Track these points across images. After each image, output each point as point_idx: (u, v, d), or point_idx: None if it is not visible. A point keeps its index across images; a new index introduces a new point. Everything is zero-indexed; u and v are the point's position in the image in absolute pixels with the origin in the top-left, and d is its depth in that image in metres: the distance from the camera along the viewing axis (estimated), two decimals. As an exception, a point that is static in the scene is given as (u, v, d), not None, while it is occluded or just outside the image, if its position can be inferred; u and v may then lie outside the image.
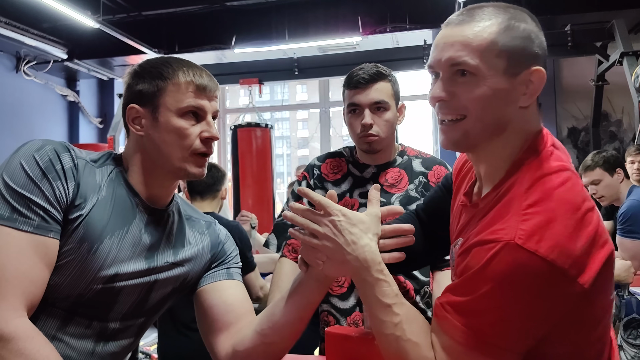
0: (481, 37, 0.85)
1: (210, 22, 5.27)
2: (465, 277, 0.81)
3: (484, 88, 0.85)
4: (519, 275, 0.76)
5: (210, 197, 2.30)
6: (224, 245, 1.24)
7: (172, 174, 1.09)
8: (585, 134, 5.36)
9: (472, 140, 0.89)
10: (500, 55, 0.84)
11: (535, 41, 0.86)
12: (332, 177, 1.64)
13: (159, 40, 5.28)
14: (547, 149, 0.88)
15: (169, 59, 1.09)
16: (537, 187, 0.82)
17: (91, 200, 1.01)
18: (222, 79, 5.54)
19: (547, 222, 0.77)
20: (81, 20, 4.47)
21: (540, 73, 0.86)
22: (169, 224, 1.14)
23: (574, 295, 0.77)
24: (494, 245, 0.78)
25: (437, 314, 0.86)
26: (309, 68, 5.17)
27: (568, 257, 0.75)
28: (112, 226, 1.02)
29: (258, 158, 5.07)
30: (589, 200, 0.82)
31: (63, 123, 6.23)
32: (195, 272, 1.17)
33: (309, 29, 5.06)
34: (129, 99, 1.08)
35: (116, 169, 1.08)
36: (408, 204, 1.55)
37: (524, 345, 0.80)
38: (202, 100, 1.05)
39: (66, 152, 1.00)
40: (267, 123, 5.22)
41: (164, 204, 1.13)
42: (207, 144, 1.07)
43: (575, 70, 5.35)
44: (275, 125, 5.46)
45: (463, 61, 0.85)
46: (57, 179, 0.96)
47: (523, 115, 0.88)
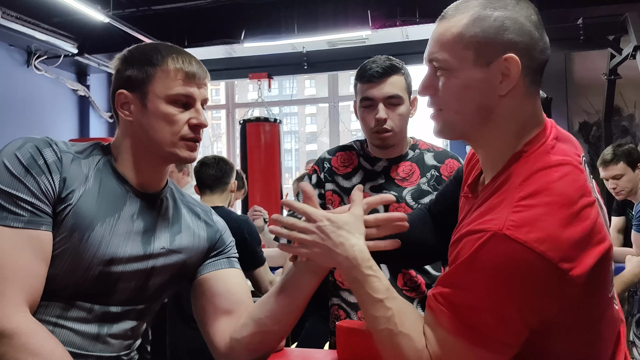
0: (450, 31, 0.87)
1: (219, 17, 5.27)
2: (454, 267, 0.82)
3: (456, 80, 0.87)
4: (507, 266, 0.75)
5: (219, 191, 2.31)
6: (223, 235, 1.24)
7: (162, 159, 1.10)
8: (596, 128, 5.31)
9: (455, 129, 0.92)
10: (468, 46, 0.86)
11: (510, 28, 0.84)
12: (342, 171, 1.63)
13: (169, 35, 5.28)
14: (549, 142, 0.87)
15: (158, 45, 1.09)
16: (533, 180, 0.81)
17: (78, 190, 1.02)
18: (231, 73, 5.55)
19: (539, 214, 0.76)
20: (91, 14, 4.48)
21: (513, 60, 0.84)
22: (162, 208, 1.14)
23: (567, 290, 0.76)
24: (482, 235, 0.78)
25: (429, 305, 0.86)
26: (318, 62, 5.16)
27: (559, 250, 0.74)
28: (102, 214, 1.03)
29: (267, 153, 5.07)
30: (587, 196, 0.81)
31: (74, 117, 6.26)
32: (193, 260, 1.18)
33: (318, 23, 5.04)
34: (117, 84, 1.08)
35: (103, 159, 1.09)
36: (420, 198, 1.55)
37: (516, 337, 0.79)
38: (191, 87, 1.06)
39: (47, 147, 1.01)
40: (275, 118, 5.22)
41: (157, 189, 1.13)
42: (195, 130, 1.08)
43: (587, 64, 5.30)
44: (284, 120, 5.46)
45: (434, 57, 0.89)
46: (40, 174, 0.98)
47: (509, 104, 0.87)
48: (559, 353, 0.83)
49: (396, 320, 0.87)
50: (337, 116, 6.84)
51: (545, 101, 4.62)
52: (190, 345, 2.10)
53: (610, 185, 2.85)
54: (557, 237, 0.75)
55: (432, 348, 0.83)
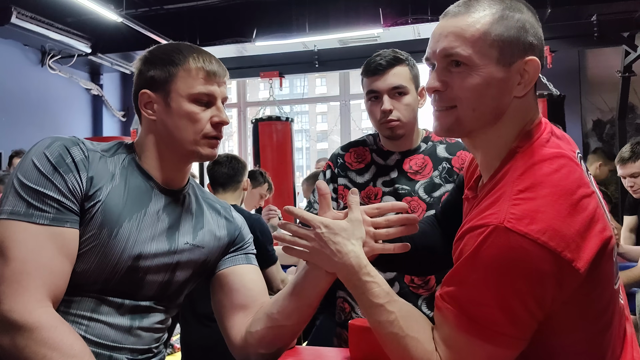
0: (474, 27, 0.86)
1: (231, 15, 5.29)
2: (459, 264, 0.82)
3: (477, 78, 0.86)
4: (510, 259, 0.75)
5: (232, 189, 2.32)
6: (242, 231, 1.26)
7: (185, 157, 1.12)
8: (610, 126, 5.26)
9: (466, 127, 0.90)
10: (493, 45, 0.85)
11: (529, 31, 0.87)
12: (355, 166, 1.64)
13: (181, 34, 5.32)
14: (543, 137, 0.88)
15: (179, 45, 1.11)
16: (529, 173, 0.82)
17: (106, 188, 1.04)
18: (243, 72, 5.57)
19: (538, 206, 0.77)
20: (105, 14, 4.52)
21: (535, 63, 0.86)
22: (185, 204, 1.17)
23: (571, 281, 0.76)
24: (483, 230, 0.78)
25: (436, 305, 0.86)
26: (330, 61, 5.17)
27: (561, 239, 0.74)
28: (129, 210, 1.05)
29: (279, 151, 5.08)
30: (585, 187, 0.81)
31: (87, 116, 6.32)
32: (214, 255, 1.20)
33: (329, 21, 5.04)
34: (140, 84, 1.10)
35: (128, 157, 1.11)
36: (432, 191, 1.55)
37: (526, 330, 0.79)
38: (212, 86, 1.08)
39: (75, 145, 1.04)
40: (287, 116, 5.23)
41: (180, 186, 1.16)
42: (217, 128, 1.10)
43: (601, 61, 5.25)
44: (295, 118, 5.46)
45: (456, 52, 0.87)
46: (68, 172, 1.00)
47: (519, 105, 0.89)
48: (565, 349, 0.83)
49: (401, 323, 0.87)
50: (348, 114, 6.83)
51: (559, 99, 4.59)
52: (203, 343, 2.11)
53: (627, 183, 2.79)
54: (558, 227, 0.75)
55: (441, 348, 0.83)
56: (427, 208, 1.53)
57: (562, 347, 0.83)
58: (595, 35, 4.60)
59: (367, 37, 5.34)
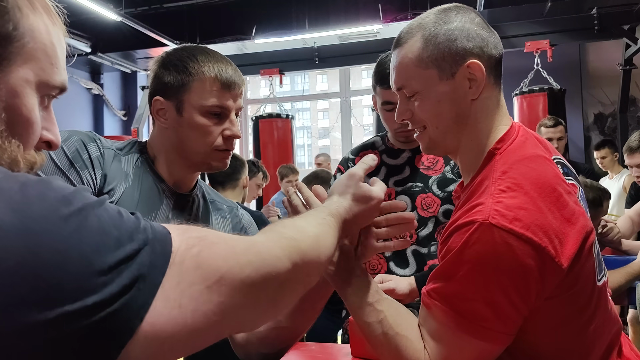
0: (407, 58, 0.93)
1: (230, 13, 5.28)
2: (445, 261, 0.83)
3: (429, 100, 0.92)
4: (495, 254, 0.77)
5: (231, 187, 2.33)
6: (247, 231, 1.25)
7: (195, 166, 1.12)
8: (612, 120, 5.25)
9: (439, 144, 0.96)
10: (429, 66, 0.91)
11: (459, 38, 0.90)
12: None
13: (181, 32, 5.31)
14: (520, 138, 0.91)
15: (196, 51, 1.09)
16: (510, 173, 0.84)
17: (120, 187, 1.04)
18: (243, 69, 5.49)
19: (521, 203, 0.79)
20: (104, 13, 4.52)
21: (476, 65, 0.90)
22: (194, 207, 1.17)
23: (553, 276, 0.78)
24: (469, 227, 0.80)
25: (423, 301, 0.87)
26: (330, 57, 5.16)
27: (544, 235, 0.77)
28: (140, 213, 1.04)
29: (280, 149, 5.09)
30: (563, 185, 0.84)
31: (88, 116, 6.33)
32: None
33: (329, 17, 5.03)
34: (154, 89, 1.10)
35: (142, 157, 1.11)
36: (445, 186, 1.59)
37: (511, 325, 0.80)
38: (226, 98, 1.06)
39: (92, 141, 1.03)
40: (288, 114, 5.23)
41: (189, 188, 1.16)
42: (228, 141, 1.09)
43: (601, 54, 5.23)
44: (296, 115, 5.46)
45: (401, 85, 0.94)
46: (84, 168, 0.99)
47: (480, 106, 0.92)
48: (549, 346, 0.84)
49: (390, 321, 0.87)
50: (348, 111, 6.83)
51: (559, 93, 4.58)
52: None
53: (635, 173, 2.76)
54: (541, 223, 0.78)
55: (429, 345, 0.84)
56: (441, 203, 1.57)
57: (545, 345, 0.85)
58: (595, 28, 4.58)
59: (367, 33, 5.32)
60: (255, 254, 0.59)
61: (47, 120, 0.60)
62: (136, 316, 0.45)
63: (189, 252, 0.51)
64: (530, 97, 4.55)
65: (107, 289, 0.44)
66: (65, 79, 0.60)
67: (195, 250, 0.52)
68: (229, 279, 0.53)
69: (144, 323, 0.46)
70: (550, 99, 4.50)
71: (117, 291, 0.44)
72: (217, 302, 0.51)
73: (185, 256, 0.51)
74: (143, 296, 0.46)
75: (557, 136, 3.45)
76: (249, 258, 0.57)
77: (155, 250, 0.49)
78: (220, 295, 0.52)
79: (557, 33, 4.72)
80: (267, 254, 0.60)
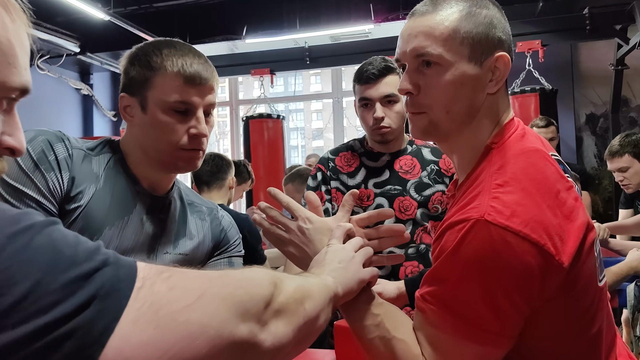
0: (443, 25, 0.85)
1: (221, 13, 5.24)
2: (440, 261, 0.78)
3: (450, 77, 0.85)
4: (492, 252, 0.73)
5: (216, 187, 2.28)
6: (227, 233, 1.21)
7: (162, 167, 1.06)
8: (604, 120, 5.23)
9: (441, 130, 0.89)
10: (463, 42, 0.85)
11: (497, 26, 0.87)
12: (346, 169, 1.70)
13: (171, 32, 5.24)
14: (518, 133, 0.88)
15: (161, 44, 1.03)
16: (507, 167, 0.80)
17: (89, 190, 0.98)
18: (234, 69, 5.52)
19: (518, 199, 0.75)
20: (92, 12, 4.47)
21: (505, 58, 0.86)
22: (170, 210, 1.12)
23: (554, 276, 0.74)
24: (464, 224, 0.76)
25: (418, 306, 0.82)
26: (321, 57, 5.12)
27: (544, 232, 0.73)
28: (112, 216, 1.00)
29: (270, 149, 5.04)
30: (562, 181, 0.81)
31: (77, 116, 6.26)
32: (198, 260, 1.15)
33: (320, 17, 4.99)
34: (122, 86, 1.05)
35: (114, 157, 1.05)
36: (422, 190, 1.64)
37: (513, 327, 0.76)
38: (191, 94, 1.00)
39: (60, 141, 0.98)
40: (278, 114, 5.19)
41: (165, 190, 1.11)
42: (195, 140, 1.02)
43: (593, 54, 5.22)
44: (290, 116, 5.44)
45: (426, 51, 0.85)
46: (50, 170, 0.94)
47: (492, 102, 0.89)
48: (548, 350, 0.80)
49: (387, 325, 0.83)
50: (341, 112, 6.79)
51: (551, 93, 4.56)
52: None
53: (617, 177, 2.75)
54: (540, 220, 0.74)
55: (426, 351, 0.80)
56: (418, 206, 1.62)
57: (544, 349, 0.80)
58: (587, 28, 4.56)
59: (359, 33, 5.30)
60: (232, 277, 0.57)
61: (9, 125, 0.55)
62: (96, 341, 0.41)
63: (160, 276, 0.48)
64: (521, 97, 4.53)
65: (59, 309, 0.40)
66: (26, 79, 0.55)
67: (166, 275, 0.49)
68: (208, 295, 0.50)
69: (108, 349, 0.42)
70: (542, 100, 4.49)
71: (70, 311, 0.40)
72: (199, 323, 0.48)
73: (155, 279, 0.48)
74: (104, 319, 0.42)
75: (548, 137, 3.44)
76: (226, 281, 0.55)
77: (118, 273, 0.45)
78: (204, 316, 0.48)
79: (549, 33, 4.71)
80: (245, 278, 0.58)
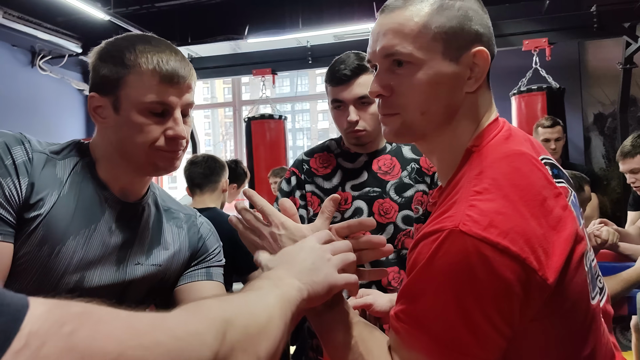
0: (413, 21, 0.78)
1: (223, 12, 5.19)
2: (413, 276, 0.71)
3: (424, 76, 0.78)
4: (467, 267, 0.65)
5: (209, 190, 2.22)
6: (205, 242, 1.14)
7: (139, 170, 1.00)
8: (612, 120, 5.13)
9: (416, 131, 0.82)
10: (436, 38, 0.78)
11: (474, 19, 0.79)
12: (322, 172, 1.58)
13: (172, 32, 5.22)
14: (501, 134, 0.80)
15: (136, 40, 0.97)
16: (487, 172, 0.73)
17: (51, 197, 0.92)
18: (236, 69, 5.48)
19: (498, 207, 0.68)
20: (92, 13, 4.43)
21: (484, 54, 0.79)
22: (143, 218, 1.05)
23: (538, 293, 0.66)
24: (437, 235, 0.69)
25: (392, 326, 0.74)
26: (323, 56, 5.04)
27: (525, 244, 0.66)
28: (76, 225, 0.93)
29: (272, 150, 4.99)
30: (550, 187, 0.73)
31: (80, 117, 6.24)
32: (174, 270, 1.09)
33: (323, 16, 4.94)
34: (92, 84, 0.98)
35: (82, 161, 0.99)
36: (403, 191, 1.52)
37: (494, 349, 0.68)
38: (167, 93, 0.94)
39: (19, 144, 0.91)
40: (280, 114, 5.14)
41: (138, 197, 1.04)
42: (172, 142, 0.96)
43: (601, 53, 5.11)
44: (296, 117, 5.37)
45: (396, 50, 0.79)
46: (6, 176, 0.88)
47: (472, 101, 0.81)
48: None
49: (361, 349, 0.76)
50: (345, 112, 6.72)
51: (558, 92, 4.47)
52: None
53: (629, 179, 2.65)
54: (521, 230, 0.66)
55: None
56: (399, 209, 1.49)
57: None
58: (595, 26, 4.47)
59: (362, 31, 5.23)
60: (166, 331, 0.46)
61: None
62: None
63: (58, 332, 0.39)
64: (528, 96, 4.44)
65: None
66: None
67: (67, 329, 0.40)
68: None
69: None
70: (549, 99, 4.40)
71: None
72: None
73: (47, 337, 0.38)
74: None
75: (554, 137, 3.35)
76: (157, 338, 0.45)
77: None
78: None
79: (556, 31, 4.62)
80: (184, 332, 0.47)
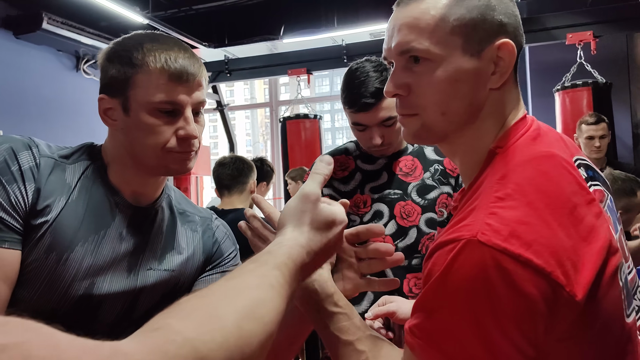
0: (429, 14, 0.72)
1: (258, 13, 5.22)
2: (427, 288, 0.65)
3: (443, 72, 0.72)
4: (485, 281, 0.59)
5: (237, 191, 2.21)
6: (221, 245, 1.11)
7: (151, 172, 0.98)
8: (664, 115, 4.88)
9: (436, 133, 0.76)
10: (455, 31, 0.71)
11: (497, 8, 0.72)
12: (339, 175, 1.53)
13: (209, 33, 5.28)
14: (529, 134, 0.73)
15: (144, 38, 0.95)
16: (511, 176, 0.66)
17: (58, 203, 0.90)
18: (273, 70, 5.50)
19: (521, 215, 0.61)
20: (129, 16, 4.53)
21: (509, 46, 0.72)
22: (156, 222, 1.02)
23: (566, 311, 0.60)
24: (454, 245, 0.62)
25: (407, 341, 0.68)
26: (358, 55, 4.98)
27: (551, 257, 0.59)
28: (85, 231, 0.92)
29: (307, 150, 4.97)
30: (581, 193, 0.66)
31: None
32: (188, 275, 1.06)
33: (358, 14, 4.89)
34: (101, 86, 0.96)
35: (93, 165, 0.97)
36: (425, 193, 1.46)
37: None
38: (177, 93, 0.91)
39: (26, 149, 0.90)
40: (315, 114, 5.12)
41: (150, 200, 1.02)
42: (184, 142, 0.94)
43: (652, 45, 4.87)
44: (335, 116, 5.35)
45: (411, 46, 0.73)
46: (12, 182, 0.86)
47: (497, 98, 0.74)
48: None
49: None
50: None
51: (605, 87, 4.28)
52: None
53: None
54: (546, 242, 0.60)
55: None
56: (422, 211, 1.44)
57: None
58: (644, 17, 4.27)
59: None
60: None
61: None
62: None
63: None
64: (573, 92, 4.27)
65: None
66: None
67: None
68: None
69: None
70: (595, 94, 4.21)
71: None
72: None
73: None
74: None
75: (599, 134, 3.20)
76: None
77: None
78: None
79: (602, 24, 4.42)
80: None
